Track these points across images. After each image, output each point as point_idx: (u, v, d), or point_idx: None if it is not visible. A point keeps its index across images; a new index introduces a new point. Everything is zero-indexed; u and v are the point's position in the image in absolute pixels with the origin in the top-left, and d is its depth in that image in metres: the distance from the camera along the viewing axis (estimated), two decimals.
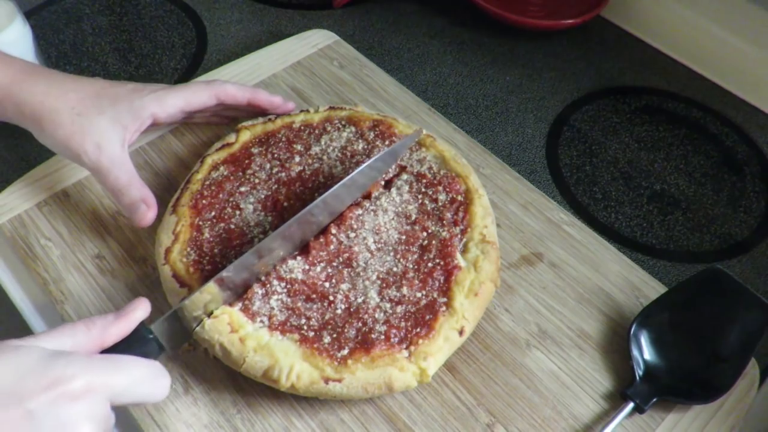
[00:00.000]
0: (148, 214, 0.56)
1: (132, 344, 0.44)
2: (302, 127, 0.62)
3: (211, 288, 0.49)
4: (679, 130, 0.77)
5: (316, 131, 0.62)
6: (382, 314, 0.51)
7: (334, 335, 0.50)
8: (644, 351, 0.53)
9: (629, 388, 0.51)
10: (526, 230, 0.62)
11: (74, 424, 0.37)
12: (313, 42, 0.78)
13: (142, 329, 0.45)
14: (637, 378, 0.52)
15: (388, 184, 0.59)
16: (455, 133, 0.69)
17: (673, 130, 0.77)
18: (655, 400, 0.51)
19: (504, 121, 0.77)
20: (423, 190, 0.58)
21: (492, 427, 0.51)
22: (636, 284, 0.59)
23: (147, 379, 0.42)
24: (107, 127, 0.56)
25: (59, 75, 0.57)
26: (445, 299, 0.52)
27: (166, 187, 0.64)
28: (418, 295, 0.52)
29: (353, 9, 0.89)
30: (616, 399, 0.52)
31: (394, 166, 0.59)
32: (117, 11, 0.58)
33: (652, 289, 0.58)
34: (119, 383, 0.40)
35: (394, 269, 0.53)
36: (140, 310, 0.46)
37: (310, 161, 0.60)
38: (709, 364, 0.52)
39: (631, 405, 0.51)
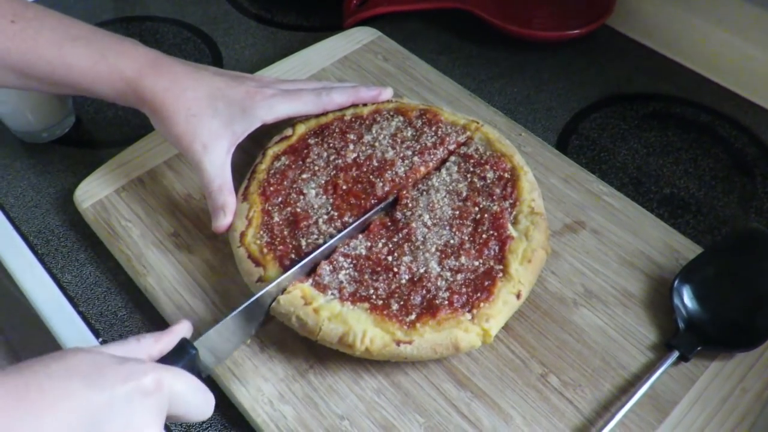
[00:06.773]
0: (223, 221, 0.57)
1: (176, 359, 0.45)
2: (353, 119, 0.64)
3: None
4: (687, 135, 0.75)
5: (367, 122, 0.64)
6: (443, 282, 0.52)
7: (401, 303, 0.51)
8: (687, 303, 0.54)
9: (673, 339, 0.52)
10: (568, 201, 0.63)
11: (143, 418, 0.38)
12: (358, 38, 0.80)
13: (186, 345, 0.46)
14: (681, 329, 0.53)
15: (437, 167, 0.61)
16: (495, 115, 0.71)
17: (681, 135, 0.75)
18: (699, 348, 0.51)
19: None
20: (471, 169, 0.60)
21: (546, 376, 0.52)
22: (675, 247, 0.59)
23: (199, 391, 0.42)
24: (217, 130, 0.57)
25: (180, 70, 0.58)
26: (501, 266, 0.53)
27: None
28: (476, 263, 0.53)
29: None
30: (661, 350, 0.53)
31: (441, 150, 0.62)
32: (136, 39, 0.62)
33: (691, 251, 0.59)
34: (180, 387, 0.40)
35: (451, 241, 0.55)
36: (184, 328, 0.47)
37: (363, 148, 0.62)
38: (749, 314, 0.53)
39: (675, 354, 0.51)
